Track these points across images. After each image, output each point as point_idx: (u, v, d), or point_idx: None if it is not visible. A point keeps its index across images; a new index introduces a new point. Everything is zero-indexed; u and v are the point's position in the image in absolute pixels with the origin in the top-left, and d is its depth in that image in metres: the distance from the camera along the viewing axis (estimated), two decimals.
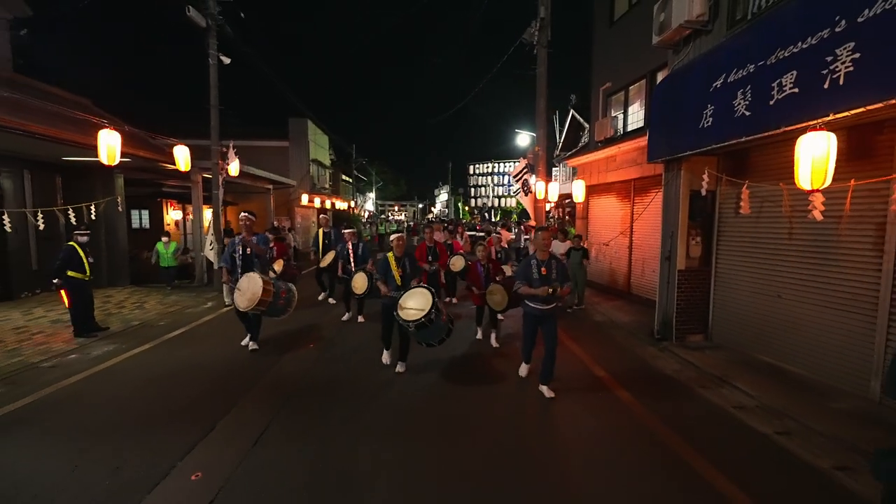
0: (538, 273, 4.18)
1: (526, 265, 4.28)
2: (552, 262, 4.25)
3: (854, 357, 4.28)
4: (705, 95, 4.94)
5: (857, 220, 4.22)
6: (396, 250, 4.98)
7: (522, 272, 4.27)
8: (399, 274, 4.90)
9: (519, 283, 4.24)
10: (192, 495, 2.73)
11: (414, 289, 4.67)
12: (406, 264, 4.99)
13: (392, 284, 4.90)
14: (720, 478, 2.98)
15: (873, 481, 2.97)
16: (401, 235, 5.06)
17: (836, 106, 3.38)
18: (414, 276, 4.99)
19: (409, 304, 4.51)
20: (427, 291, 4.58)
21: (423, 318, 4.31)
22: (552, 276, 4.19)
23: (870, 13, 3.12)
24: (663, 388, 4.68)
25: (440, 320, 4.49)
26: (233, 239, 5.86)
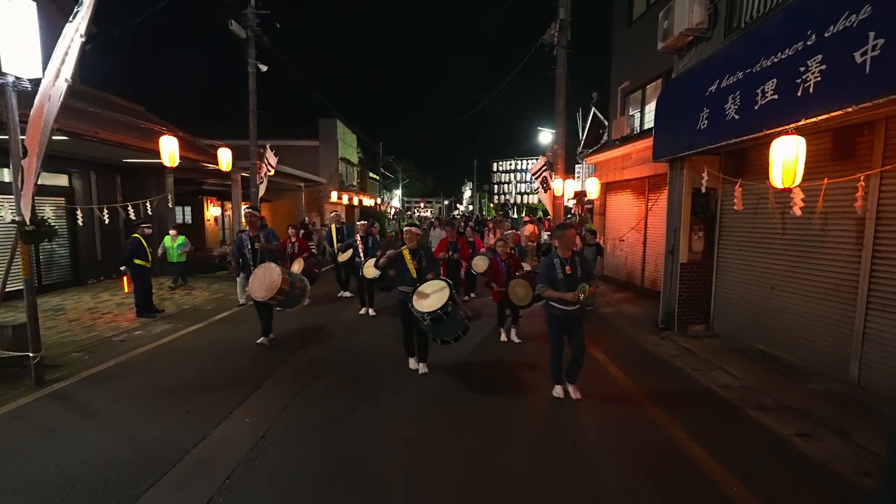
0: (562, 272, 3.84)
1: (548, 265, 3.92)
2: (576, 260, 3.90)
3: (836, 343, 4.59)
4: (702, 99, 5.29)
5: (840, 216, 4.51)
6: (410, 243, 4.76)
7: (545, 273, 3.90)
8: (415, 267, 4.68)
9: (542, 285, 3.88)
10: (246, 431, 3.45)
11: (431, 280, 4.52)
12: (422, 256, 4.77)
13: (408, 278, 4.66)
14: (690, 442, 3.42)
15: (826, 446, 3.38)
16: (415, 228, 4.90)
17: (808, 112, 3.74)
18: (430, 269, 4.75)
19: (424, 294, 4.35)
20: (444, 283, 4.41)
21: (439, 310, 4.11)
22: (577, 274, 3.84)
23: (834, 29, 3.47)
24: (657, 371, 5.10)
25: (457, 315, 4.29)
26: (240, 235, 5.85)
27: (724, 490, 2.83)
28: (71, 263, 9.44)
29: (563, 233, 3.99)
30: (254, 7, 10.36)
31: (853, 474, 3.04)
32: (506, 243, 6.15)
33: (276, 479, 2.87)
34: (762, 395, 4.34)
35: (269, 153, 10.77)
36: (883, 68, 3.07)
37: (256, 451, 3.18)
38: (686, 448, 3.34)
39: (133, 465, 2.95)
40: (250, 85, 10.91)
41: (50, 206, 8.54)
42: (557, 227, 4.22)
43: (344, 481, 2.86)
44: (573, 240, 4.00)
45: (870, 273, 4.25)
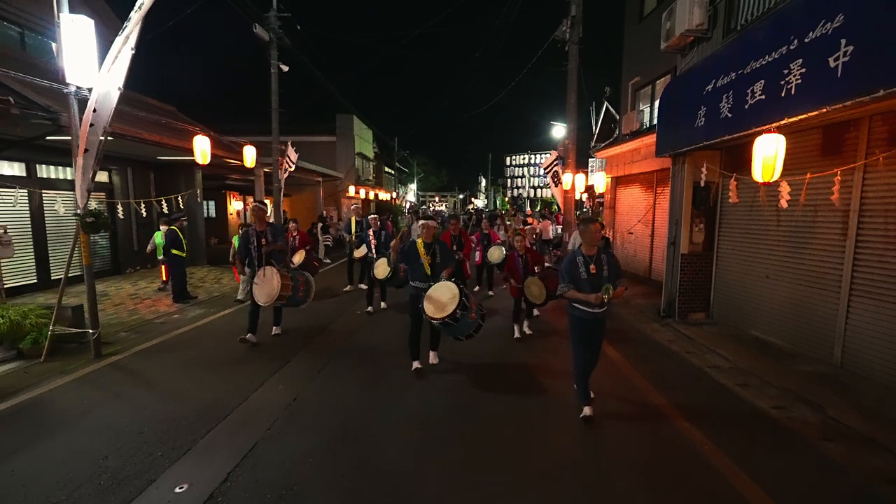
0: (586, 272, 3.47)
1: (570, 263, 3.56)
2: (602, 258, 3.52)
3: (822, 328, 4.88)
4: (701, 97, 5.58)
5: (828, 209, 4.78)
6: (425, 236, 4.56)
7: (567, 271, 3.54)
8: (428, 262, 4.46)
9: (563, 285, 3.54)
10: (280, 396, 3.98)
11: (441, 282, 4.32)
12: (437, 251, 4.54)
13: (420, 274, 4.48)
14: (674, 412, 3.80)
15: (798, 417, 3.72)
16: (430, 221, 4.73)
17: (790, 112, 4.04)
18: (445, 265, 4.53)
19: (433, 299, 4.20)
20: (454, 287, 4.21)
21: (447, 318, 4.05)
22: (603, 273, 3.48)
23: (812, 35, 3.76)
24: (653, 353, 5.46)
25: (467, 319, 4.18)
26: (246, 230, 5.65)
27: (698, 448, 3.22)
28: (111, 253, 10.19)
29: (585, 227, 3.57)
30: (276, 10, 10.87)
31: (818, 439, 3.39)
32: (523, 238, 6.01)
33: (308, 430, 3.39)
34: (749, 375, 4.68)
35: (291, 150, 11.32)
36: (852, 73, 3.37)
37: (290, 410, 3.70)
38: (669, 415, 3.72)
39: (190, 418, 3.51)
40: (273, 85, 11.46)
41: (94, 201, 9.26)
42: (580, 221, 3.84)
43: (354, 439, 3.35)
44: (597, 235, 3.56)
45: (853, 261, 4.53)
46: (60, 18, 4.56)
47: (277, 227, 5.93)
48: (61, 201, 8.38)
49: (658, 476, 2.93)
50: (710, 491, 2.78)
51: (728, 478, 2.88)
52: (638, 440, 3.36)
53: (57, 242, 8.62)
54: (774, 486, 2.78)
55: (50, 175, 8.68)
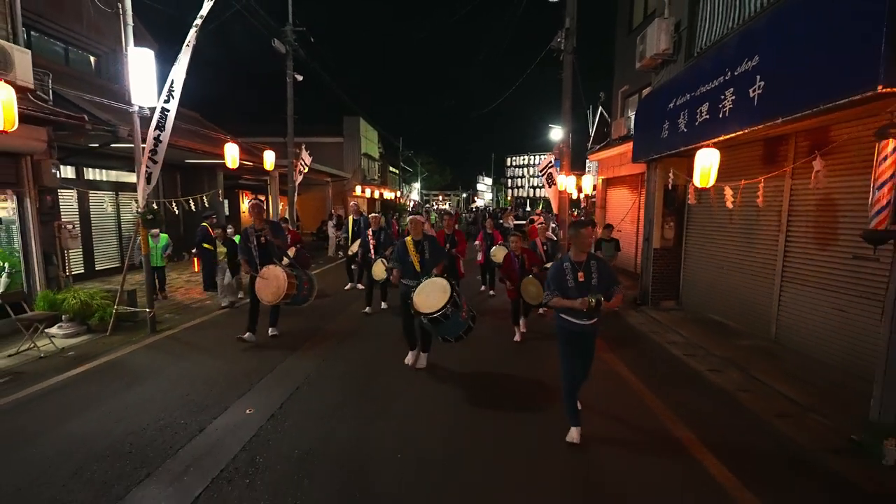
0: (573, 279, 3.23)
1: (557, 270, 3.33)
2: (591, 265, 3.27)
3: (762, 310, 5.79)
4: (665, 113, 6.48)
5: (767, 209, 5.68)
6: (414, 233, 4.58)
7: (553, 278, 3.31)
8: (417, 259, 4.47)
9: (548, 293, 3.31)
10: (310, 360, 4.96)
11: (432, 278, 4.28)
12: (425, 248, 4.55)
13: (410, 271, 4.48)
14: (631, 377, 4.70)
15: (726, 376, 4.64)
16: (417, 217, 4.73)
17: (725, 130, 4.93)
18: (435, 261, 4.54)
19: (424, 294, 4.14)
20: (446, 283, 4.15)
21: (437, 314, 3.95)
22: (591, 282, 3.21)
23: (741, 69, 4.66)
24: (623, 333, 6.36)
25: (458, 316, 4.07)
26: (246, 229, 5.57)
27: (642, 399, 4.14)
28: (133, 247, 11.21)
29: (575, 232, 3.35)
30: (292, 25, 11.84)
31: (736, 391, 4.31)
32: (519, 238, 5.87)
33: (335, 385, 4.35)
34: (698, 348, 5.60)
35: (304, 153, 12.28)
36: (763, 103, 4.27)
37: (319, 371, 4.67)
38: (624, 375, 4.66)
39: (243, 372, 4.50)
40: (289, 93, 12.44)
41: (132, 201, 10.30)
42: (571, 225, 3.62)
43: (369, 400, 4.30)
44: (589, 241, 3.40)
45: (784, 253, 5.44)
46: (127, 51, 5.53)
47: (276, 224, 5.89)
48: (108, 200, 9.43)
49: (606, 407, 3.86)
50: (641, 417, 3.71)
51: (659, 416, 3.80)
52: (593, 391, 4.27)
53: (100, 237, 9.64)
54: (689, 417, 3.71)
55: (95, 177, 9.70)
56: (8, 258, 6.00)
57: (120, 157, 9.39)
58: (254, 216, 5.51)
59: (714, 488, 2.82)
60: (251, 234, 5.43)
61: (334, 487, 2.77)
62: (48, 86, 6.02)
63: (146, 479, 2.75)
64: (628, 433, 3.54)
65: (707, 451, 3.21)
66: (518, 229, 10.61)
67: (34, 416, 3.64)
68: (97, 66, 10.87)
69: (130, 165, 10.40)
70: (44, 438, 3.27)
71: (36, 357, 5.00)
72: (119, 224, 10.35)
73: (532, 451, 3.25)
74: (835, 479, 2.95)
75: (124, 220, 10.48)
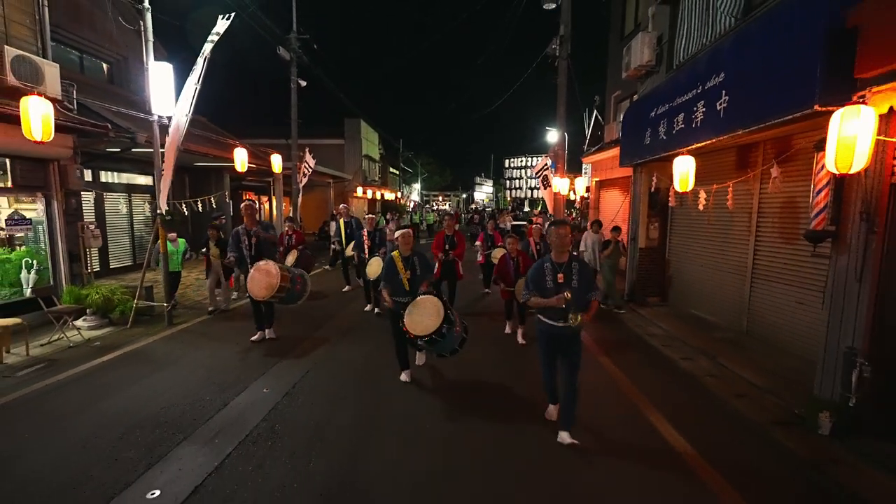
0: (553, 280, 3.22)
1: (537, 270, 3.32)
2: (572, 267, 3.24)
3: (735, 304, 6.24)
4: (648, 120, 6.93)
5: (740, 211, 6.13)
6: (403, 248, 4.26)
7: (532, 279, 3.31)
8: (407, 277, 4.17)
9: (526, 292, 3.33)
10: (321, 346, 5.41)
11: (422, 297, 4.05)
12: (415, 264, 4.24)
13: (399, 289, 4.20)
14: (610, 364, 5.16)
15: (696, 363, 5.09)
16: (408, 231, 4.35)
17: (698, 139, 5.39)
18: (424, 278, 4.25)
19: (416, 315, 3.93)
20: (437, 302, 3.97)
21: (433, 335, 3.79)
22: (572, 284, 3.19)
23: (709, 84, 5.11)
24: (608, 326, 6.82)
25: (452, 333, 3.95)
26: (236, 229, 5.55)
27: (616, 382, 4.60)
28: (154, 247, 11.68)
29: (554, 231, 3.33)
30: (296, 33, 12.30)
31: (704, 376, 4.77)
32: (515, 240, 5.91)
33: (340, 370, 4.80)
34: (675, 339, 6.06)
35: (308, 156, 12.74)
36: (728, 115, 4.72)
37: (330, 354, 5.15)
38: (603, 362, 5.12)
39: (257, 359, 4.97)
40: (292, 98, 12.90)
41: (144, 202, 10.79)
42: (550, 224, 3.62)
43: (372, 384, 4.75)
44: (566, 240, 3.30)
45: (754, 252, 5.89)
46: (148, 65, 5.99)
47: (266, 224, 5.88)
48: (122, 202, 9.91)
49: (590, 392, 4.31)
50: (613, 398, 4.16)
51: (630, 397, 4.26)
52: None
53: (114, 237, 10.10)
54: (657, 397, 4.16)
55: (109, 180, 10.16)
56: (35, 256, 6.46)
57: (131, 161, 9.85)
58: (246, 217, 5.57)
59: (669, 452, 3.27)
60: (242, 235, 5.52)
61: (344, 449, 3.23)
62: (73, 96, 6.48)
63: (183, 441, 3.23)
64: (600, 411, 3.99)
65: (669, 424, 3.67)
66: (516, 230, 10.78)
67: (75, 395, 4.10)
68: (109, 73, 11.33)
69: (142, 168, 10.91)
70: (88, 412, 3.73)
71: (66, 346, 5.46)
72: (132, 224, 10.81)
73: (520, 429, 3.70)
74: (776, 446, 3.41)
75: (136, 221, 10.94)
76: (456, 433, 3.54)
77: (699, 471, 3.05)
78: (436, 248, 6.84)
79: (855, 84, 3.19)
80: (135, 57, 11.19)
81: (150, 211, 11.29)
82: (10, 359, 4.98)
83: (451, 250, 6.84)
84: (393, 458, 3.15)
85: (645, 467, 3.11)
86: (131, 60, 11.29)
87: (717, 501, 2.77)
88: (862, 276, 3.38)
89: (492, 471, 3.04)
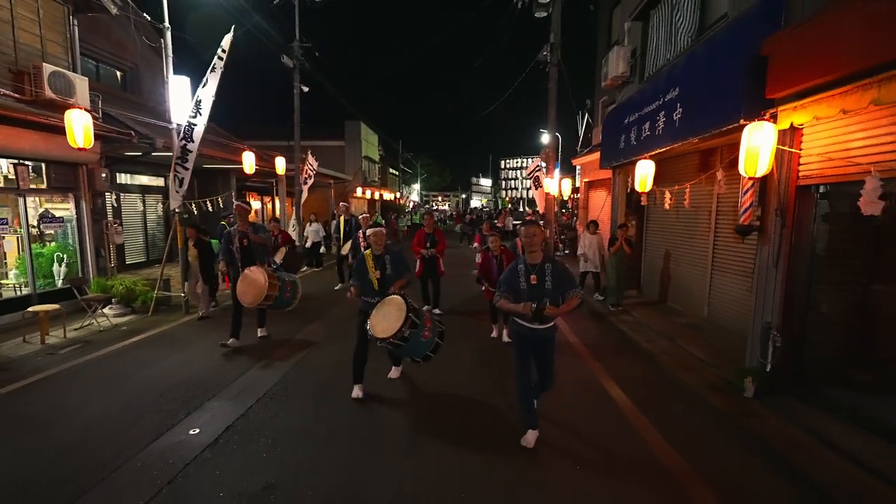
0: (526, 282, 3.17)
1: (511, 271, 3.27)
2: (546, 268, 3.18)
3: (699, 294, 6.90)
4: (622, 127, 7.59)
5: (703, 210, 6.79)
6: (375, 247, 4.11)
7: (505, 280, 3.26)
8: (377, 277, 4.02)
9: (499, 294, 3.25)
10: (321, 332, 6.08)
11: (388, 297, 3.85)
12: (386, 263, 4.08)
13: (368, 289, 4.03)
14: (579, 344, 5.83)
15: (656, 344, 5.75)
16: (379, 229, 4.20)
17: (659, 145, 6.05)
18: (397, 277, 4.06)
19: (379, 315, 3.74)
20: (401, 301, 3.73)
21: (391, 338, 3.56)
22: (545, 285, 3.14)
23: (668, 96, 5.78)
24: (586, 316, 7.49)
25: (419, 336, 3.73)
26: (228, 231, 5.48)
27: (581, 358, 5.27)
28: (166, 243, 12.35)
29: (523, 231, 3.32)
30: (299, 41, 12.97)
31: (660, 354, 5.43)
32: (498, 238, 5.80)
33: (336, 349, 5.43)
34: (642, 325, 6.72)
35: (311, 158, 13.41)
36: (682, 125, 5.38)
37: (330, 339, 5.80)
38: (573, 342, 5.78)
39: (270, 343, 5.62)
40: (295, 103, 13.57)
41: (157, 203, 11.48)
42: (522, 224, 3.38)
43: None
44: (536, 240, 3.24)
45: (713, 247, 6.56)
46: (168, 79, 6.67)
47: (259, 225, 5.79)
48: (138, 201, 10.59)
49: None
50: (578, 373, 4.82)
51: (592, 370, 4.93)
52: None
53: (129, 234, 10.78)
54: (615, 371, 4.83)
55: (126, 182, 10.84)
56: (65, 250, 7.13)
57: (145, 164, 10.54)
58: (239, 218, 5.45)
59: (612, 405, 3.94)
60: (234, 236, 5.36)
61: (348, 401, 3.93)
62: (98, 106, 7.16)
63: (212, 398, 3.93)
64: (561, 377, 4.62)
65: (619, 388, 4.34)
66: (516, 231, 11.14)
67: (114, 368, 4.78)
68: (122, 80, 12.01)
69: (155, 171, 11.60)
70: (128, 380, 4.41)
71: (97, 330, 6.13)
72: (145, 223, 11.50)
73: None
74: (704, 404, 4.08)
75: (149, 220, 11.62)
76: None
77: (633, 419, 3.74)
78: (416, 245, 7.02)
79: (768, 103, 3.85)
80: (145, 65, 11.94)
81: (164, 210, 11.99)
82: (50, 340, 5.66)
83: (431, 248, 6.93)
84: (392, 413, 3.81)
85: (591, 416, 3.79)
86: (142, 68, 12.00)
87: (641, 439, 3.46)
88: (777, 263, 4.04)
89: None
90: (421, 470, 3.06)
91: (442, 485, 2.90)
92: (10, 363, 4.90)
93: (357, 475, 2.98)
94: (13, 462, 3.08)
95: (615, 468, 3.12)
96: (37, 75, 5.92)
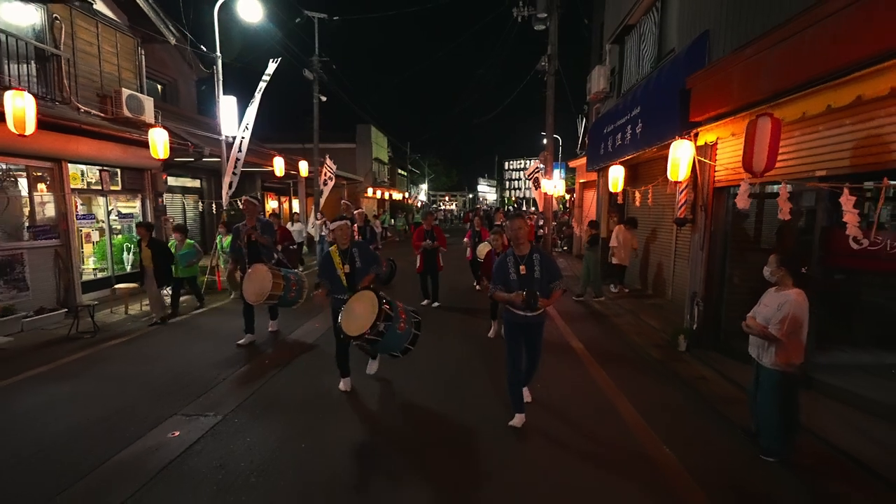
0: (515, 272, 3.38)
1: (501, 263, 3.47)
2: (534, 258, 3.39)
3: (665, 279, 8.10)
4: (602, 136, 8.80)
5: (668, 206, 7.96)
6: (341, 242, 4.07)
7: (497, 272, 3.47)
8: (345, 272, 3.97)
9: (493, 286, 3.48)
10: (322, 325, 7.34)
11: (358, 293, 3.76)
12: (355, 256, 4.03)
13: (337, 286, 4.02)
14: (557, 317, 7.06)
15: (622, 318, 6.97)
16: (344, 223, 4.13)
17: (627, 153, 7.26)
18: (366, 270, 4.04)
19: (349, 313, 3.64)
20: (373, 296, 3.62)
21: (366, 335, 3.45)
22: (534, 275, 3.35)
23: (633, 113, 6.98)
24: (569, 301, 8.71)
25: (395, 331, 3.63)
26: (237, 227, 5.52)
27: (558, 328, 6.50)
28: (201, 239, 13.79)
29: (509, 225, 3.50)
30: (318, 56, 14.33)
31: (623, 325, 6.64)
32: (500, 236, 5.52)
33: None
34: (616, 305, 7.93)
35: (329, 161, 14.75)
36: (643, 137, 6.58)
37: None
38: (552, 314, 7.02)
39: (281, 328, 6.89)
40: (315, 112, 14.93)
41: (195, 202, 12.90)
42: (507, 216, 3.59)
43: None
44: (522, 232, 3.40)
45: (676, 237, 7.75)
46: (219, 98, 8.02)
47: (266, 222, 5.77)
48: (179, 200, 11.98)
49: None
50: (554, 336, 6.06)
51: (564, 335, 6.16)
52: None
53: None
54: (584, 336, 6.05)
55: (171, 184, 12.26)
56: (131, 241, 8.53)
57: (184, 167, 11.95)
58: (247, 214, 5.43)
59: (579, 364, 5.17)
60: (242, 232, 5.42)
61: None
62: (158, 120, 8.54)
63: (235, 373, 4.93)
64: None
65: (585, 349, 5.56)
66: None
67: (188, 331, 6.12)
68: (163, 93, 13.45)
69: (194, 173, 13.06)
70: (202, 338, 5.75)
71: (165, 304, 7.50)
72: (185, 219, 12.92)
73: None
74: (646, 355, 5.31)
75: (189, 216, 13.05)
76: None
77: (585, 360, 5.05)
78: (416, 241, 7.49)
79: (693, 125, 5.07)
80: (182, 79, 13.40)
81: (204, 208, 13.45)
82: (132, 311, 7.03)
83: (433, 242, 7.37)
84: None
85: (554, 359, 5.06)
86: (179, 82, 13.46)
87: (587, 370, 4.76)
88: (703, 246, 5.25)
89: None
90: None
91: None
92: (109, 326, 6.28)
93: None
94: (139, 380, 4.47)
95: (570, 406, 4.35)
96: (117, 98, 7.30)
